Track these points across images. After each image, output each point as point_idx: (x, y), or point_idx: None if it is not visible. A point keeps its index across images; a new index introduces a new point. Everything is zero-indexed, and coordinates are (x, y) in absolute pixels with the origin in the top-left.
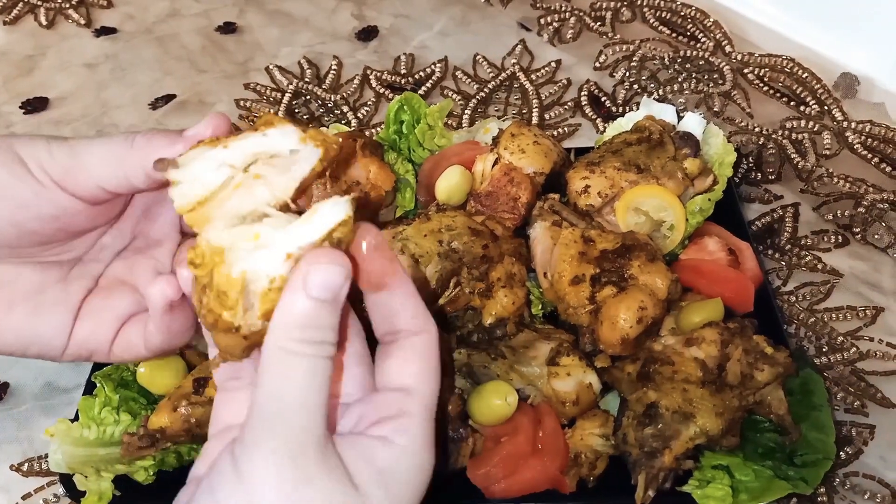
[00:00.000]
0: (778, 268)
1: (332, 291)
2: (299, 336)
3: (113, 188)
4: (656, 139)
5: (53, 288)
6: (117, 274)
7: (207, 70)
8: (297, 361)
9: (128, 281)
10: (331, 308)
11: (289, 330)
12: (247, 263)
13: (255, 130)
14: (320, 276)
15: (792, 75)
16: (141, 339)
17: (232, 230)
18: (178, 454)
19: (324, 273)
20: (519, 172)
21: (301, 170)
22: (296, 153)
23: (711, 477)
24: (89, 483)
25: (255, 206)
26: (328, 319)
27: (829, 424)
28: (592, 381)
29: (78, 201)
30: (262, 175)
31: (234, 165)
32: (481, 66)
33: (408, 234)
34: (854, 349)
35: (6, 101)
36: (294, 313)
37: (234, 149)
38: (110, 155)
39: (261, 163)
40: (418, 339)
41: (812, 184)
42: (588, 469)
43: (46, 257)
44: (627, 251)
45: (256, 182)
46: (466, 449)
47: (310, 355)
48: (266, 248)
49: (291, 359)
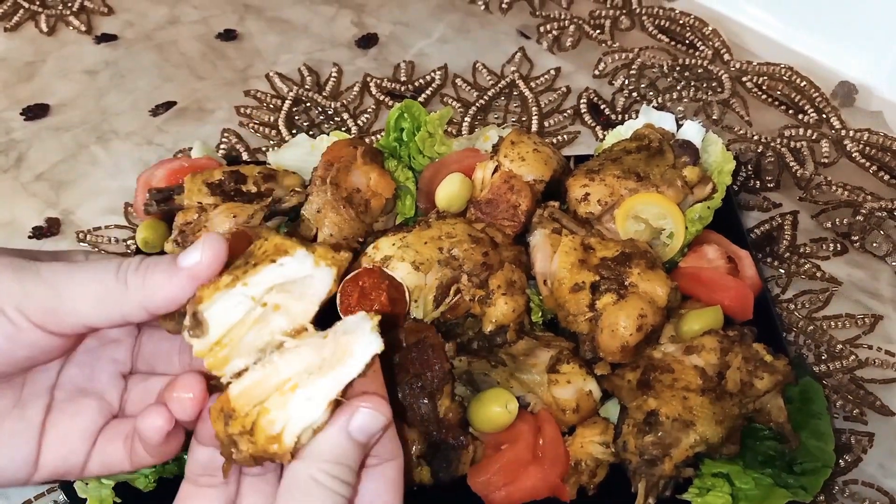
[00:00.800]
0: (777, 275)
1: (369, 436)
2: (330, 470)
3: (104, 326)
4: (655, 147)
5: (10, 416)
6: (75, 382)
7: (207, 77)
8: (322, 493)
9: (89, 389)
10: (362, 451)
11: (323, 463)
12: (290, 418)
13: (269, 261)
14: (365, 420)
15: (790, 84)
16: (121, 454)
17: (263, 379)
18: (179, 462)
19: (369, 418)
20: (519, 180)
21: (318, 293)
22: (311, 276)
23: (711, 485)
24: (90, 490)
25: (271, 336)
26: (356, 461)
27: (829, 432)
28: (592, 389)
29: (58, 338)
30: (281, 305)
31: (253, 297)
32: (481, 73)
33: (408, 241)
34: (853, 357)
35: (6, 107)
36: (333, 449)
37: (252, 285)
38: (102, 295)
39: (276, 290)
40: (391, 466)
41: (811, 192)
42: (588, 477)
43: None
44: (627, 259)
45: (276, 313)
46: (467, 456)
47: (333, 491)
48: (309, 401)
49: (318, 489)
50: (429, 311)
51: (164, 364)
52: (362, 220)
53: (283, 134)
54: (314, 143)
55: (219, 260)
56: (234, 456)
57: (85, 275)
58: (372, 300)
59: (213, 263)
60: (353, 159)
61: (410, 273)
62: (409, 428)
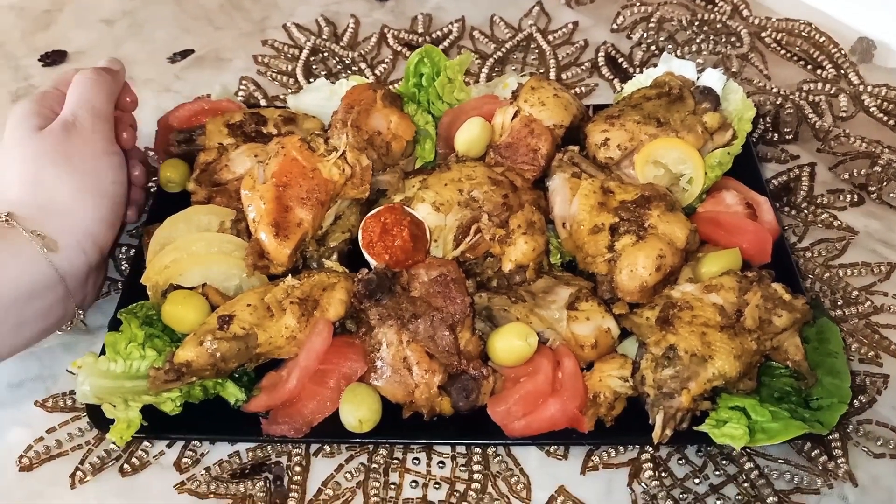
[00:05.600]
0: (794, 224)
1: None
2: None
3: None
4: (676, 94)
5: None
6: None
7: (224, 27)
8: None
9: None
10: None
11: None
12: None
13: None
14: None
15: (809, 39)
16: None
17: None
18: (204, 388)
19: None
20: (539, 124)
21: None
22: None
23: (728, 418)
24: (117, 412)
25: None
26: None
27: (845, 370)
28: (611, 326)
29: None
30: None
31: None
32: (498, 26)
33: (428, 182)
34: (868, 303)
35: (25, 54)
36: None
37: None
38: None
39: None
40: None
41: (829, 143)
42: (606, 409)
43: None
44: (647, 201)
45: None
46: (487, 387)
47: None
48: None
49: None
50: (448, 251)
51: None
52: (384, 163)
53: (300, 83)
54: (333, 88)
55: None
56: None
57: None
58: (394, 236)
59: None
60: (373, 102)
61: (430, 214)
62: (430, 359)
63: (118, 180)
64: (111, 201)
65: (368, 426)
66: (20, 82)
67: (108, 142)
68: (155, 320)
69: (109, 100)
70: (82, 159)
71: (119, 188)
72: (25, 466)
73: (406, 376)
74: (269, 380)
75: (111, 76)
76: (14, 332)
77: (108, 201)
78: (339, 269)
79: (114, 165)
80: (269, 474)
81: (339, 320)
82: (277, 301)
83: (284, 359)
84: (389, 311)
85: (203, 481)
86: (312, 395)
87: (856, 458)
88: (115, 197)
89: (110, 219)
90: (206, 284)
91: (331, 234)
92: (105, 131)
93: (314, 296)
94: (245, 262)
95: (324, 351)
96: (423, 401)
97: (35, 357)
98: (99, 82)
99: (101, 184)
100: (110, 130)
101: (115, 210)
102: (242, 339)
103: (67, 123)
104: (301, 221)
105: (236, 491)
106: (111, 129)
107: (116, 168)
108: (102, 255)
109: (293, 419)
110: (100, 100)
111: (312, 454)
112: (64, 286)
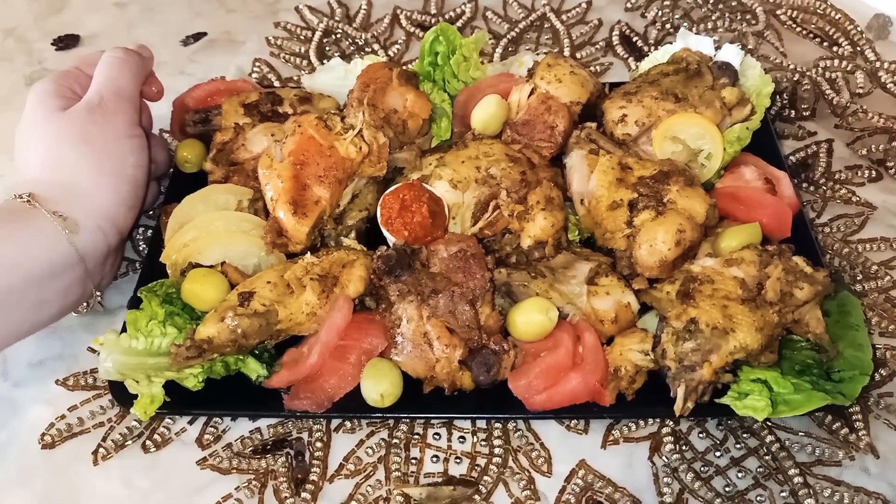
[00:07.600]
0: (812, 200)
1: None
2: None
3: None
4: (694, 69)
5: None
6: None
7: (237, 10)
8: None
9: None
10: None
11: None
12: None
13: None
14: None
15: (824, 17)
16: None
17: None
18: (226, 364)
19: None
20: (556, 101)
21: None
22: None
23: (750, 390)
24: (141, 387)
25: None
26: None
27: (866, 342)
28: (631, 301)
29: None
30: None
31: None
32: (511, 6)
33: (445, 160)
34: (888, 278)
35: (38, 37)
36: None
37: None
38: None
39: None
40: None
41: (846, 119)
42: (627, 383)
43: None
44: (665, 176)
45: None
46: (508, 361)
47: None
48: None
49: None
50: (466, 229)
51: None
52: (400, 141)
53: (314, 64)
54: (348, 68)
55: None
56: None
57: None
58: (412, 212)
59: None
60: (389, 81)
61: (448, 191)
62: (450, 334)
63: (139, 163)
64: (132, 184)
65: (390, 401)
66: (34, 66)
67: (132, 124)
68: (175, 298)
69: (136, 82)
70: (105, 141)
71: (140, 171)
72: (48, 444)
73: (427, 351)
74: (291, 356)
75: (139, 59)
76: (34, 309)
77: (129, 184)
78: (357, 247)
79: (136, 148)
80: (291, 450)
81: (359, 297)
82: (297, 278)
83: (304, 335)
84: (409, 287)
85: (225, 457)
86: (333, 370)
87: (877, 431)
88: (136, 179)
89: (130, 201)
90: (226, 262)
91: (348, 213)
92: (129, 113)
93: (334, 272)
94: (264, 240)
95: (344, 326)
96: (443, 375)
97: (56, 336)
98: (127, 63)
99: (122, 166)
100: (134, 112)
101: (136, 193)
102: (263, 315)
103: (92, 104)
104: (319, 199)
105: (258, 466)
106: (136, 111)
107: (138, 151)
108: (121, 237)
109: (315, 395)
110: (126, 80)
111: (333, 430)
112: (83, 266)
